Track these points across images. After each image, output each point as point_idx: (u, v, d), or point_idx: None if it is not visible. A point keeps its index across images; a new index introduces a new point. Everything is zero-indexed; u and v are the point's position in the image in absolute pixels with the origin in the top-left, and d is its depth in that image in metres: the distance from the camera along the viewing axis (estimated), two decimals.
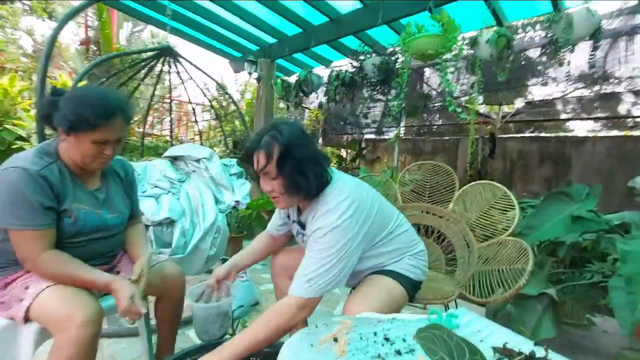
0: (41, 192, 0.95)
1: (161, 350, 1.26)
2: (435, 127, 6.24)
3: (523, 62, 4.07)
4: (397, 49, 2.44)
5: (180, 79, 3.47)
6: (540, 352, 0.76)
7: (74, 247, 1.04)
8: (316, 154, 1.03)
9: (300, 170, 0.97)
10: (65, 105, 0.97)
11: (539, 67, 4.11)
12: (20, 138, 3.61)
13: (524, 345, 0.83)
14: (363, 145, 6.46)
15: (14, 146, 3.50)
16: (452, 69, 2.18)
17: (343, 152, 6.94)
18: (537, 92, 4.61)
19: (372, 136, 6.88)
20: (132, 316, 0.99)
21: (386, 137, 6.46)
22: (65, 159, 1.05)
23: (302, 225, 1.13)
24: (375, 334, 0.84)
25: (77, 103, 0.97)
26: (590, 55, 1.85)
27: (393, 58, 2.51)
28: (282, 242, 1.38)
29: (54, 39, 2.09)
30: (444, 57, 2.13)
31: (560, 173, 4.89)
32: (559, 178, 4.83)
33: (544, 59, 3.94)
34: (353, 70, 2.77)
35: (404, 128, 6.15)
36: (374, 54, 2.62)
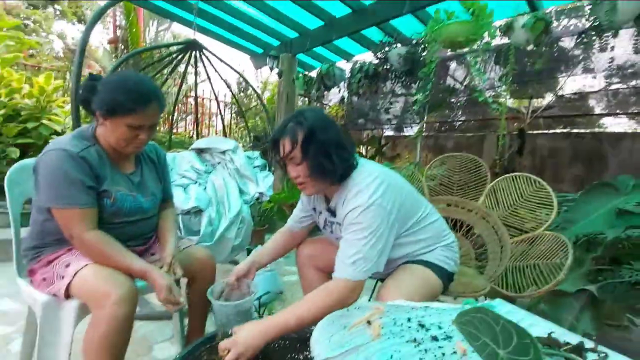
0: (82, 171, 0.98)
1: (192, 332, 1.29)
2: (459, 122, 6.07)
3: (556, 54, 3.88)
4: (424, 39, 2.38)
5: (206, 71, 3.52)
6: (587, 344, 0.72)
7: (113, 229, 1.07)
8: (340, 138, 1.03)
9: (324, 153, 0.98)
10: (103, 89, 1.00)
11: (574, 58, 3.90)
12: (56, 133, 3.78)
13: (568, 336, 0.79)
14: (383, 142, 6.37)
15: (50, 140, 3.67)
16: (482, 58, 2.10)
17: (362, 149, 6.88)
18: (570, 85, 4.39)
19: (391, 133, 6.78)
20: (169, 307, 1.01)
21: (406, 134, 6.34)
22: (102, 143, 1.08)
23: (333, 213, 1.12)
24: (409, 319, 0.82)
25: (115, 87, 0.99)
26: (635, 39, 1.73)
27: (419, 48, 2.45)
28: (302, 237, 1.37)
29: (87, 32, 2.19)
30: (474, 46, 2.06)
31: (594, 172, 4.64)
32: (593, 177, 4.59)
33: (578, 51, 3.75)
34: (377, 62, 2.72)
35: (425, 124, 6.01)
36: (399, 44, 2.57)
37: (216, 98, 4.35)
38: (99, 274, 0.96)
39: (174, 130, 6.27)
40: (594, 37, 2.72)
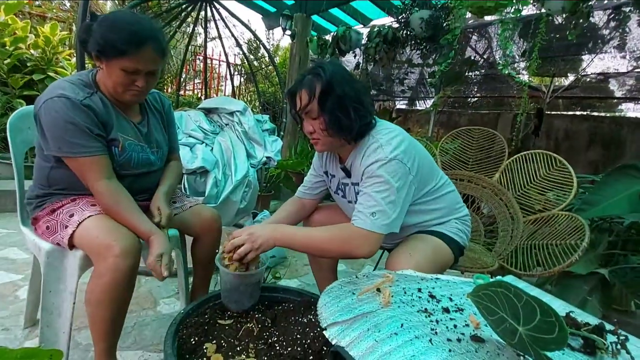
0: (88, 119, 0.94)
1: (196, 290, 1.29)
2: (474, 99, 5.86)
3: (584, 30, 3.64)
4: (450, 2, 2.22)
5: (216, 26, 3.35)
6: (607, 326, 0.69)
7: (121, 179, 1.04)
8: (359, 94, 0.99)
9: (341, 107, 0.95)
10: (96, 30, 0.93)
11: (603, 37, 3.65)
12: None
13: (585, 317, 0.76)
14: (394, 115, 6.21)
15: None
16: (509, 27, 1.95)
17: None
18: (594, 66, 4.16)
19: (403, 106, 6.61)
20: (155, 274, 0.96)
21: (418, 108, 6.18)
22: (103, 90, 1.02)
23: (347, 173, 1.08)
24: (419, 290, 0.79)
25: (107, 27, 0.92)
26: None
27: (444, 13, 2.29)
28: (311, 208, 1.33)
29: None
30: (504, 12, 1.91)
31: (610, 157, 4.52)
32: (608, 163, 4.46)
33: (607, 31, 3.50)
34: (397, 26, 2.56)
35: (439, 98, 5.81)
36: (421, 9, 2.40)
37: (226, 57, 4.20)
38: (102, 226, 0.94)
39: (181, 93, 6.15)
40: (632, 11, 2.52)
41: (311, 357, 0.84)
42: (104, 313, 0.91)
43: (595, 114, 4.98)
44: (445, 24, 2.30)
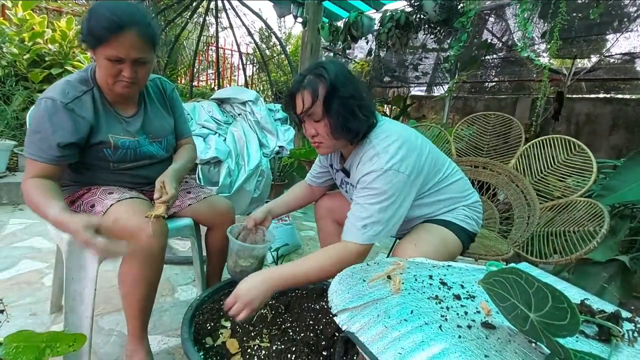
0: (63, 126, 0.92)
1: (210, 277, 1.33)
2: (492, 83, 5.69)
3: (609, 8, 3.45)
4: None
5: (227, 16, 3.34)
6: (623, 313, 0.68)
7: (125, 174, 1.07)
8: (362, 94, 0.95)
9: (347, 110, 0.91)
10: (85, 18, 0.91)
11: (629, 15, 3.46)
12: None
13: (601, 304, 0.75)
14: (408, 102, 6.09)
15: None
16: (528, 7, 1.87)
17: (386, 109, 6.63)
18: (619, 46, 3.94)
19: (418, 93, 6.48)
20: (95, 251, 0.82)
21: (434, 94, 6.04)
22: (99, 83, 1.01)
23: (347, 173, 1.07)
24: (430, 277, 0.79)
25: (90, 15, 0.90)
26: None
27: None
28: (320, 193, 1.34)
29: None
30: None
31: (635, 141, 4.33)
32: (632, 147, 4.28)
33: (633, 8, 3.30)
34: (410, 10, 2.49)
35: (455, 83, 5.65)
36: None
37: (238, 47, 4.20)
38: (130, 210, 0.96)
39: (195, 84, 6.20)
40: None
41: (323, 343, 0.86)
42: (139, 291, 0.95)
43: (620, 96, 4.76)
44: (460, 7, 2.23)
